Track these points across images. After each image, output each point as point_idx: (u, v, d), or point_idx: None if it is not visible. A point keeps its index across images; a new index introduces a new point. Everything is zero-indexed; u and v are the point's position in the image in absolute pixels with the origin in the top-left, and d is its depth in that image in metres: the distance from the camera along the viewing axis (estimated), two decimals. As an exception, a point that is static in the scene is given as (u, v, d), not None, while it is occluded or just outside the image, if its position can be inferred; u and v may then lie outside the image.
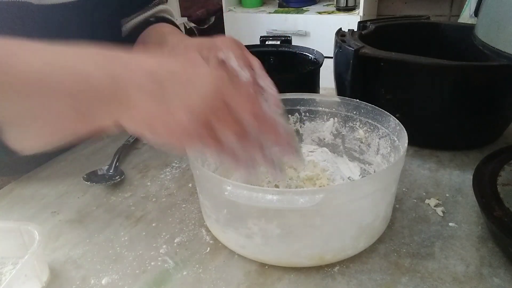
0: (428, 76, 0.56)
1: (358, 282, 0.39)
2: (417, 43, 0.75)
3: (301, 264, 0.41)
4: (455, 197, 0.51)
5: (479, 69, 0.53)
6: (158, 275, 0.41)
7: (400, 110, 0.56)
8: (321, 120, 0.56)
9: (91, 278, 0.41)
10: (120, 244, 0.46)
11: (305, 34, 1.88)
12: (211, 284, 0.40)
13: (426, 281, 0.39)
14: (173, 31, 0.65)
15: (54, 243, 0.46)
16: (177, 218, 0.49)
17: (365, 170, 0.54)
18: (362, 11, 1.79)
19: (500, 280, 0.39)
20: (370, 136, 0.52)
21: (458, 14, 1.86)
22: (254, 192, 0.36)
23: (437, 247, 0.43)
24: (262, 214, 0.38)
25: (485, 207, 0.42)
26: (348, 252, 0.41)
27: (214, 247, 0.45)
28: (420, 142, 0.62)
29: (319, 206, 0.36)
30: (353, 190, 0.38)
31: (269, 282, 0.40)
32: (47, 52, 0.33)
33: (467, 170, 0.56)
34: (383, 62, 0.58)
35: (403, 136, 0.44)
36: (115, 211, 0.51)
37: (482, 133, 0.62)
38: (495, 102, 0.57)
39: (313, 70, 0.72)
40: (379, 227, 0.43)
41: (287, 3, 2.05)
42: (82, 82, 0.32)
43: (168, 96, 0.33)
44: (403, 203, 0.50)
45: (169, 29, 0.66)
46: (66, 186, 0.57)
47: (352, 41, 0.62)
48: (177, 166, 0.61)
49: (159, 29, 0.66)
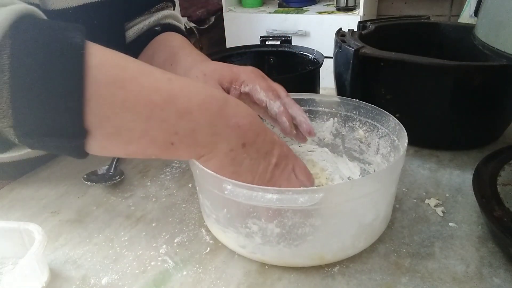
0: (428, 76, 0.56)
1: (358, 282, 0.39)
2: (417, 43, 0.75)
3: (301, 264, 0.41)
4: (455, 197, 0.51)
5: (479, 69, 0.53)
6: (158, 275, 0.41)
7: (400, 110, 0.56)
8: (321, 120, 0.56)
9: (91, 278, 0.41)
10: (120, 244, 0.46)
11: (305, 34, 1.88)
12: (211, 284, 0.40)
13: (426, 281, 0.39)
14: (183, 44, 0.63)
15: (54, 243, 0.46)
16: (177, 218, 0.49)
17: (365, 170, 0.54)
18: (362, 11, 1.80)
19: (500, 280, 0.39)
20: (370, 136, 0.52)
21: (458, 14, 1.86)
22: (254, 191, 0.36)
23: (437, 247, 0.43)
24: (262, 214, 0.38)
25: (485, 207, 0.42)
26: (348, 251, 0.41)
27: (214, 247, 0.45)
28: (420, 142, 0.62)
29: (319, 206, 0.36)
30: (353, 190, 0.38)
31: (269, 282, 0.40)
32: (169, 85, 0.36)
33: (467, 170, 0.56)
34: (383, 62, 0.58)
35: (402, 135, 0.44)
36: (115, 211, 0.51)
37: (482, 133, 0.62)
38: (495, 102, 0.57)
39: (313, 70, 0.72)
40: (379, 226, 0.43)
41: (287, 3, 2.05)
42: (189, 128, 0.35)
43: (246, 157, 0.38)
44: (403, 203, 0.50)
45: (178, 43, 0.64)
46: (66, 186, 0.57)
47: (352, 41, 0.62)
48: (177, 166, 0.61)
49: (168, 43, 0.64)
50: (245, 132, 0.38)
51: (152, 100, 0.34)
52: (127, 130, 0.33)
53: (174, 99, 0.35)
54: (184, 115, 0.35)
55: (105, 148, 0.34)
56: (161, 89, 0.34)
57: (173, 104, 0.34)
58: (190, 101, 0.35)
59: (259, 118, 0.40)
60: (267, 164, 0.40)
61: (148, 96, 0.34)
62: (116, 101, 0.32)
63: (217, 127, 0.36)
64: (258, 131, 0.39)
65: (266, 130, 0.40)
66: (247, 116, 0.38)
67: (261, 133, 0.39)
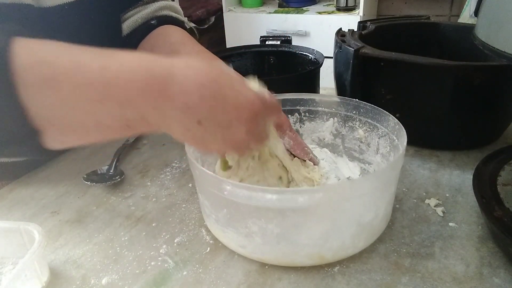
0: (428, 76, 0.56)
1: (358, 282, 0.39)
2: (417, 43, 0.75)
3: (301, 264, 0.41)
4: (455, 197, 0.51)
5: (479, 69, 0.53)
6: (158, 275, 0.41)
7: (400, 110, 0.56)
8: (321, 120, 0.56)
9: (91, 278, 0.41)
10: (120, 244, 0.46)
11: (305, 34, 1.88)
12: (211, 284, 0.40)
13: (426, 281, 0.39)
14: (183, 40, 0.61)
15: (54, 243, 0.46)
16: (177, 218, 0.49)
17: (365, 169, 0.54)
18: (362, 11, 1.79)
19: (500, 280, 0.39)
20: (369, 135, 0.52)
21: (458, 14, 1.86)
22: (253, 191, 0.36)
23: (437, 247, 0.43)
24: (261, 214, 0.38)
25: (485, 207, 0.42)
26: (348, 251, 0.41)
27: (214, 247, 0.45)
28: (420, 142, 0.62)
29: (318, 205, 0.36)
30: (352, 189, 0.38)
31: (269, 282, 0.40)
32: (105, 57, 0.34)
33: (467, 170, 0.56)
34: (383, 62, 0.58)
35: (402, 135, 0.44)
36: (115, 211, 0.51)
37: (482, 133, 0.62)
38: (495, 102, 0.57)
39: (313, 70, 0.72)
40: (379, 226, 0.43)
41: (287, 3, 2.05)
42: (138, 117, 0.34)
43: (205, 131, 0.34)
44: (403, 203, 0.50)
45: (179, 38, 0.61)
46: (66, 186, 0.57)
47: (352, 41, 0.62)
48: (177, 166, 0.61)
49: (167, 39, 0.61)
50: (197, 110, 0.34)
51: (89, 97, 0.32)
52: (78, 124, 0.33)
53: (110, 91, 0.32)
54: (126, 105, 0.33)
55: (65, 142, 0.34)
56: (95, 83, 0.32)
57: (111, 97, 0.33)
58: (128, 89, 0.33)
59: (216, 81, 0.35)
60: (237, 132, 0.36)
61: (84, 94, 0.32)
62: (53, 101, 0.31)
63: (164, 110, 0.33)
64: (212, 103, 0.34)
65: (225, 98, 0.34)
66: (196, 91, 0.33)
67: (217, 104, 0.34)
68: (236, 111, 0.35)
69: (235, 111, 0.35)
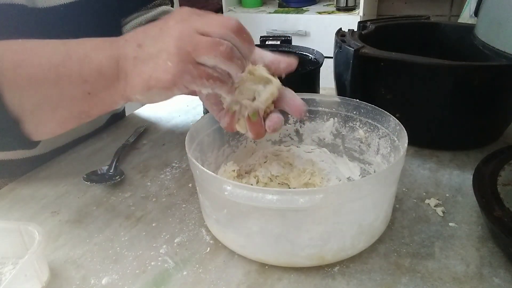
0: (428, 76, 0.56)
1: (358, 282, 0.39)
2: (417, 43, 0.75)
3: (301, 264, 0.41)
4: (455, 197, 0.51)
5: (479, 69, 0.53)
6: (158, 275, 0.41)
7: (400, 110, 0.56)
8: (321, 120, 0.56)
9: (91, 278, 0.41)
10: (120, 244, 0.46)
11: (305, 34, 1.88)
12: (211, 284, 0.40)
13: (426, 281, 0.39)
14: None
15: (54, 243, 0.46)
16: (177, 218, 0.49)
17: (365, 170, 0.54)
18: (362, 11, 1.80)
19: (500, 280, 0.39)
20: (370, 136, 0.52)
21: (458, 14, 1.86)
22: (254, 192, 0.36)
23: (437, 247, 0.43)
24: (262, 214, 0.38)
25: (485, 207, 0.42)
26: (348, 252, 0.41)
27: (214, 247, 0.45)
28: (420, 142, 0.62)
29: (319, 206, 0.36)
30: (353, 190, 0.38)
31: (269, 282, 0.40)
32: (64, 46, 0.41)
33: (467, 170, 0.56)
34: (383, 62, 0.58)
35: (403, 136, 0.44)
36: (115, 211, 0.51)
37: (482, 133, 0.62)
38: (495, 102, 0.57)
39: (313, 70, 0.72)
40: (379, 227, 0.43)
41: (287, 3, 2.05)
42: (94, 69, 0.39)
43: (149, 53, 0.38)
44: (403, 203, 0.50)
45: None
46: (66, 186, 0.57)
47: (352, 41, 0.62)
48: (177, 166, 0.61)
49: None
50: (137, 37, 0.40)
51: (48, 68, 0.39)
52: (44, 101, 0.39)
53: (69, 52, 0.40)
54: (83, 61, 0.40)
55: (40, 127, 0.40)
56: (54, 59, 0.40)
57: (69, 57, 0.40)
58: (84, 44, 0.41)
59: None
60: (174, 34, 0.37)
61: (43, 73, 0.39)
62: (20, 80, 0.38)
63: (117, 56, 0.40)
64: (147, 28, 0.40)
65: (156, 23, 0.39)
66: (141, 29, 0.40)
67: (151, 26, 0.40)
68: (166, 23, 0.39)
69: (164, 24, 0.39)
